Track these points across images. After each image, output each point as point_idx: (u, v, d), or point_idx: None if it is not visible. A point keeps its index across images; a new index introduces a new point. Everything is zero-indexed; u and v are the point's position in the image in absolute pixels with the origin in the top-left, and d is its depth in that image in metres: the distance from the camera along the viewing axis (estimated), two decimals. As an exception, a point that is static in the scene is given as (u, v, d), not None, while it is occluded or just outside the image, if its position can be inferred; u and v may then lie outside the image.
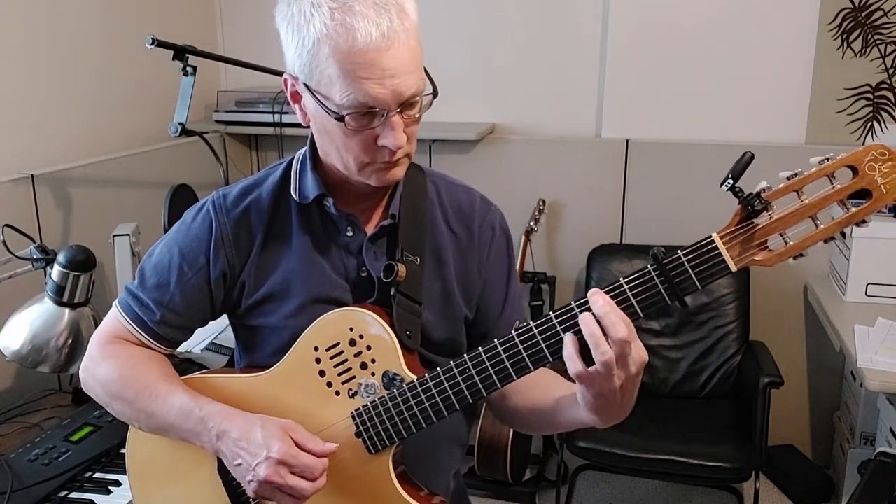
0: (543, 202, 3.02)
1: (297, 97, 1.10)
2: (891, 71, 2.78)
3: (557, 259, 3.16)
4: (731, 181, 0.92)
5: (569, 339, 0.97)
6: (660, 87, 2.97)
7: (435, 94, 1.08)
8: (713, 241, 0.94)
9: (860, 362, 2.13)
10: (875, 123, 2.83)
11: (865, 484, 2.05)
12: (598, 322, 0.94)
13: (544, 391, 1.16)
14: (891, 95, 2.79)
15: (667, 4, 2.91)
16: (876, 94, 2.80)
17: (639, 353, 0.95)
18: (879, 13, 2.74)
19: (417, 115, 1.07)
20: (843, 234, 0.94)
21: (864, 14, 2.75)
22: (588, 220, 3.09)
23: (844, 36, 2.78)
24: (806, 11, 2.79)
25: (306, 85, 1.05)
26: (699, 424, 2.64)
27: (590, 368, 0.95)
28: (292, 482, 1.04)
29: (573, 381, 1.00)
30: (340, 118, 1.02)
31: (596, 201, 3.07)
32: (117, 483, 1.62)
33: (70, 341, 1.80)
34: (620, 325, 0.93)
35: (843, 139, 2.85)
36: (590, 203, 3.08)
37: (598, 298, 0.95)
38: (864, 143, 2.83)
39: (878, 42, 2.76)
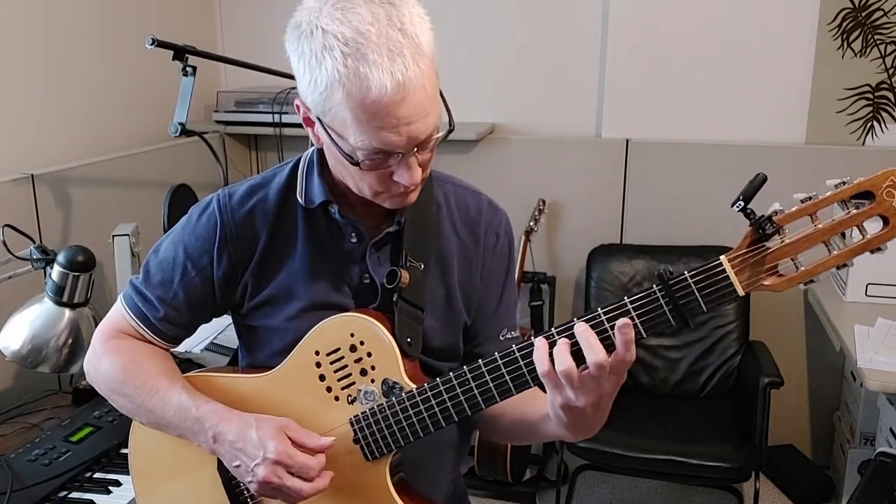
0: (543, 202, 3.02)
1: (309, 122, 1.08)
2: (891, 71, 2.78)
3: (557, 259, 3.16)
4: (741, 203, 0.90)
5: (540, 342, 0.97)
6: (660, 87, 2.97)
7: (451, 128, 1.06)
8: (721, 265, 0.92)
9: (860, 362, 2.13)
10: (875, 123, 2.82)
11: (865, 484, 2.05)
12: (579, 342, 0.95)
13: (522, 400, 1.14)
14: (891, 95, 2.79)
15: (667, 5, 2.91)
16: (876, 94, 2.80)
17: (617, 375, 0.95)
18: (879, 13, 2.74)
19: (433, 149, 1.05)
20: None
21: (864, 14, 2.75)
22: (588, 220, 3.09)
23: (844, 36, 2.78)
24: (806, 11, 2.79)
25: (320, 119, 1.02)
26: (699, 424, 2.63)
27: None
28: (290, 483, 1.04)
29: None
30: (356, 162, 1.00)
31: (596, 201, 3.07)
32: (117, 483, 1.62)
33: (70, 341, 1.80)
34: (598, 347, 0.93)
35: (843, 139, 2.85)
36: (590, 203, 3.08)
37: (581, 325, 0.96)
38: (864, 144, 2.83)
39: (878, 42, 2.76)
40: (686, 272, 0.94)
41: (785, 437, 3.05)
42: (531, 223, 2.98)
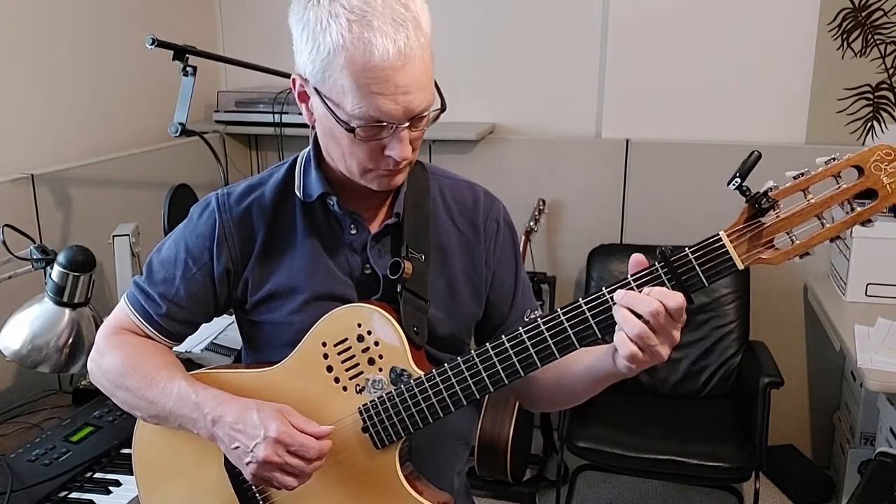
0: (543, 202, 3.02)
1: (304, 97, 1.10)
2: (891, 71, 2.78)
3: (557, 259, 3.16)
4: (738, 180, 0.93)
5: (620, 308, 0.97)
6: (660, 87, 2.97)
7: (443, 108, 1.09)
8: (720, 239, 0.95)
9: (860, 362, 2.13)
10: (875, 123, 2.83)
11: (865, 484, 2.05)
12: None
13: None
14: (891, 95, 2.79)
15: (667, 5, 2.91)
16: (876, 94, 2.80)
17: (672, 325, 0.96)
18: (879, 13, 2.74)
19: (424, 128, 1.08)
20: None
21: (864, 14, 2.75)
22: (588, 220, 3.09)
23: (844, 36, 2.78)
24: (806, 11, 2.79)
25: (317, 89, 1.05)
26: (699, 424, 2.63)
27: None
28: (291, 461, 1.05)
29: None
30: (350, 129, 1.03)
31: (596, 201, 3.07)
32: (117, 483, 1.62)
33: (70, 341, 1.80)
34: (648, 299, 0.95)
35: (843, 139, 2.85)
36: (590, 203, 3.08)
37: (618, 294, 0.97)
38: (864, 143, 2.83)
39: (878, 42, 2.76)
40: (687, 248, 0.96)
41: (785, 437, 3.05)
42: (531, 223, 2.98)
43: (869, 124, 2.83)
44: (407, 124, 1.03)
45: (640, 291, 0.96)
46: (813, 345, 2.99)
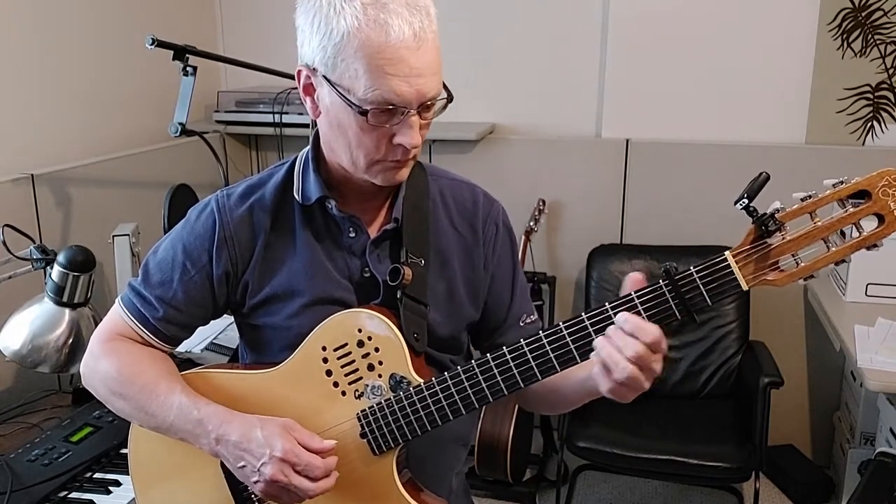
0: (543, 202, 3.02)
1: (310, 90, 1.09)
2: (891, 71, 2.78)
3: (557, 259, 3.16)
4: (745, 200, 0.93)
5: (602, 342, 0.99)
6: (660, 87, 2.97)
7: (450, 99, 1.09)
8: (726, 260, 0.95)
9: (860, 362, 2.13)
10: (875, 123, 2.82)
11: (865, 484, 2.05)
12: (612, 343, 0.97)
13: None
14: (891, 95, 2.79)
15: (667, 5, 2.91)
16: (876, 94, 2.80)
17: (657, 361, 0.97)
18: (879, 13, 2.74)
19: (431, 118, 1.08)
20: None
21: (864, 14, 2.75)
22: (588, 220, 3.09)
23: (844, 36, 2.78)
24: (806, 11, 2.79)
25: (326, 77, 1.04)
26: (699, 424, 2.63)
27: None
28: (297, 481, 1.04)
29: None
30: (363, 112, 1.02)
31: (596, 201, 3.07)
32: (117, 483, 1.62)
33: (70, 341, 1.80)
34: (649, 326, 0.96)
35: (843, 139, 2.85)
36: (590, 203, 3.08)
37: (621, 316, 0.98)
38: (864, 144, 2.83)
39: (878, 42, 2.76)
40: (692, 267, 0.96)
41: (785, 437, 3.05)
42: (531, 223, 2.98)
43: (869, 124, 2.83)
44: (417, 110, 1.03)
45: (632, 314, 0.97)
46: (813, 345, 2.98)
